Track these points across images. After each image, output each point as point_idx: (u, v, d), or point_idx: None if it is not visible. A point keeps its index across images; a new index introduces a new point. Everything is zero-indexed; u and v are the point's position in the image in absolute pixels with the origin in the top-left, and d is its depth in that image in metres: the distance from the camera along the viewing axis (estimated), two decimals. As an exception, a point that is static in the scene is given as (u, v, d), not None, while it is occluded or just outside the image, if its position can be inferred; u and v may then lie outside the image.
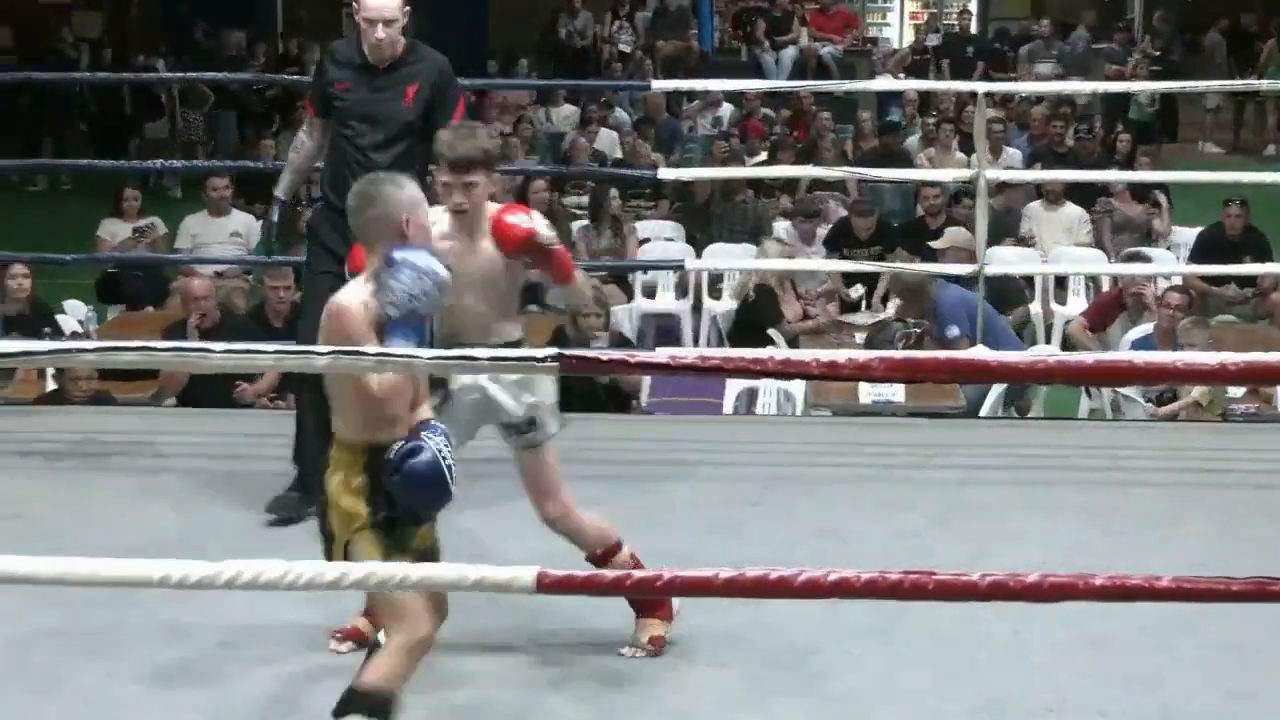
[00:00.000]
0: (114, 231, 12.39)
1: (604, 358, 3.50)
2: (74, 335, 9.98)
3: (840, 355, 3.41)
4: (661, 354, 3.55)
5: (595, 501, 6.67)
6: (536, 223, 5.08)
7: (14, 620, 5.46)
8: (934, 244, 11.40)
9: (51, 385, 8.80)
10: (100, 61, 21.55)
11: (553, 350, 3.51)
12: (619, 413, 8.58)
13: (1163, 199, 13.63)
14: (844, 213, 13.24)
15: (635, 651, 5.29)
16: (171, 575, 3.41)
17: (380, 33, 6.44)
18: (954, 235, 11.40)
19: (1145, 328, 9.81)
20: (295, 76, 18.92)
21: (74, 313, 10.85)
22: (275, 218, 6.92)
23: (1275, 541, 6.27)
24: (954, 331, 9.08)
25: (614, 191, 12.90)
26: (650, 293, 12.16)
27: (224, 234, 12.19)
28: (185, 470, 7.22)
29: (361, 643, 5.13)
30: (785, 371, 3.53)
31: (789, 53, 22.96)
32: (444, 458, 4.23)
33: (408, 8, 6.52)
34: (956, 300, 9.29)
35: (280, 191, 6.90)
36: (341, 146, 6.57)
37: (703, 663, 5.33)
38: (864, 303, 11.66)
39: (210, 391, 8.57)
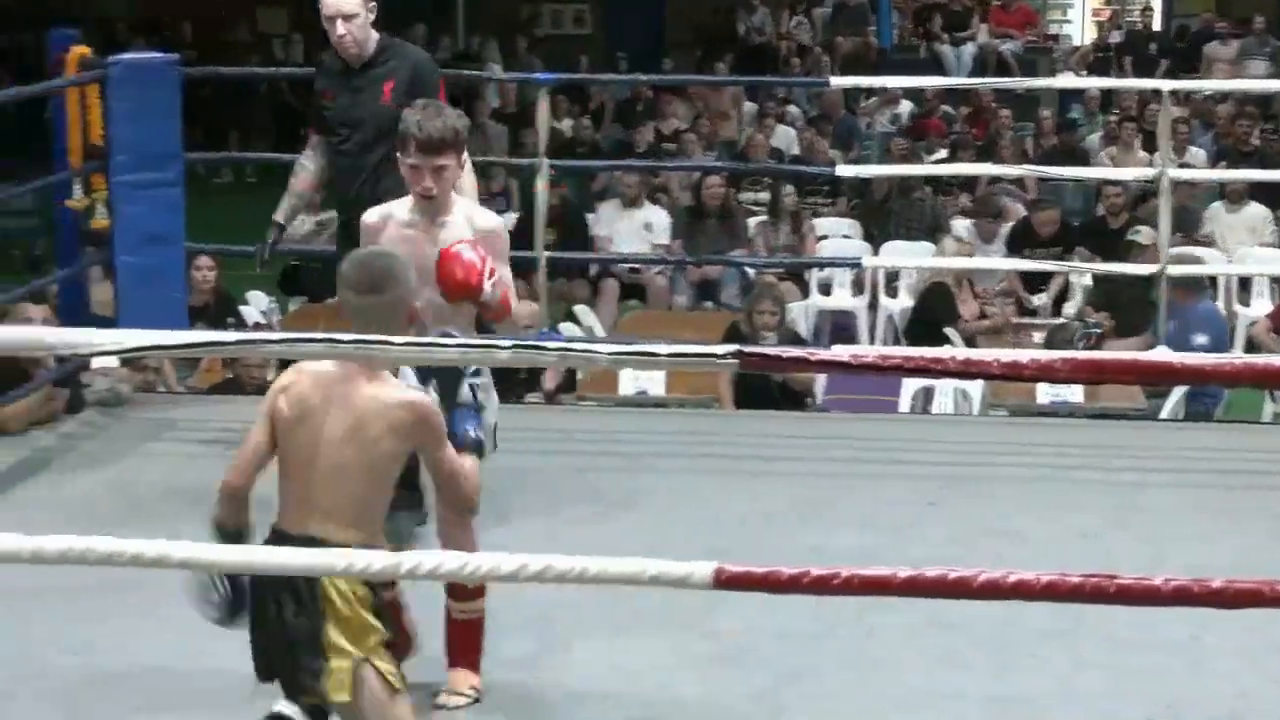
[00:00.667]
0: (297, 224, 12.53)
1: (784, 355, 3.48)
2: (256, 326, 10.13)
3: (1023, 355, 3.38)
4: (842, 352, 3.53)
5: (767, 495, 6.71)
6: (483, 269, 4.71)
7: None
8: (1135, 239, 11.18)
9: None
10: (290, 56, 21.87)
11: (732, 348, 3.51)
12: (793, 410, 8.57)
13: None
14: (1023, 211, 13.10)
15: (457, 699, 4.89)
16: (354, 564, 3.45)
17: (340, 29, 6.39)
18: (1150, 233, 11.22)
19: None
20: (476, 73, 19.21)
21: (256, 304, 11.02)
22: (269, 239, 6.89)
23: None
24: (1202, 340, 9.02)
25: (790, 188, 12.89)
26: (826, 290, 12.12)
27: (403, 227, 12.31)
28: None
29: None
30: (966, 371, 3.50)
31: (969, 49, 22.78)
32: None
33: (372, 3, 6.48)
34: (1207, 310, 9.19)
35: (278, 215, 6.85)
36: (335, 157, 6.55)
37: (883, 663, 5.31)
38: (1054, 306, 11.49)
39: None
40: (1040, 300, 11.57)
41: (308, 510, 3.84)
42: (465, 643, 4.92)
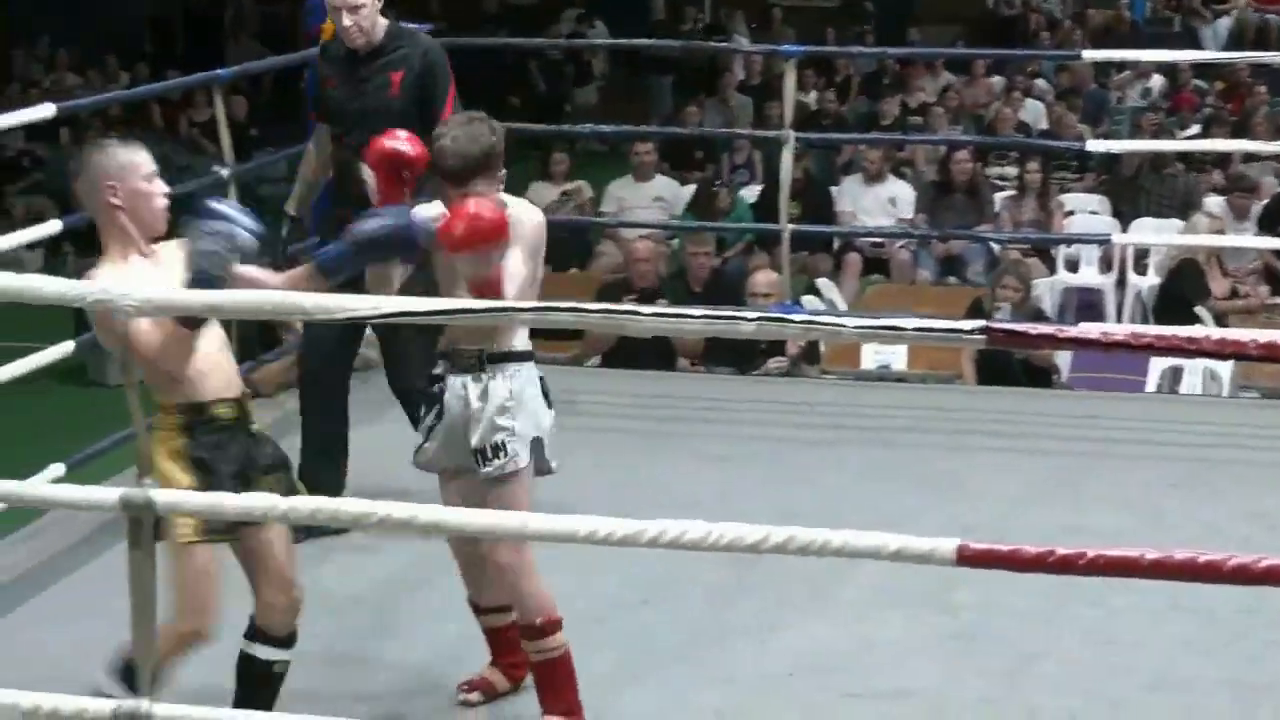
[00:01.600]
0: (542, 194, 12.68)
1: (1033, 332, 3.43)
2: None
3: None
4: (1092, 329, 3.47)
5: (1012, 473, 6.64)
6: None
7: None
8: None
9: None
10: (529, 30, 22.07)
11: (980, 323, 3.46)
12: (1036, 387, 8.46)
13: None
14: (1279, 188, 12.79)
15: None
16: (598, 531, 3.47)
17: (346, 20, 6.01)
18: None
19: None
20: (722, 45, 19.20)
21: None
22: (284, 232, 6.43)
23: None
24: None
25: (1037, 163, 12.71)
26: (1073, 267, 11.95)
27: (647, 199, 12.37)
28: (602, 429, 7.38)
29: (490, 694, 4.91)
30: (1221, 351, 3.42)
31: (1224, 22, 22.29)
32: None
33: None
34: None
35: (289, 206, 6.49)
36: (336, 149, 6.20)
37: (1122, 645, 5.24)
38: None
39: (639, 355, 8.68)
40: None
41: None
42: (548, 684, 4.67)
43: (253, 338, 7.45)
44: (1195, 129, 15.20)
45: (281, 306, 3.75)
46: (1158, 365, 8.72)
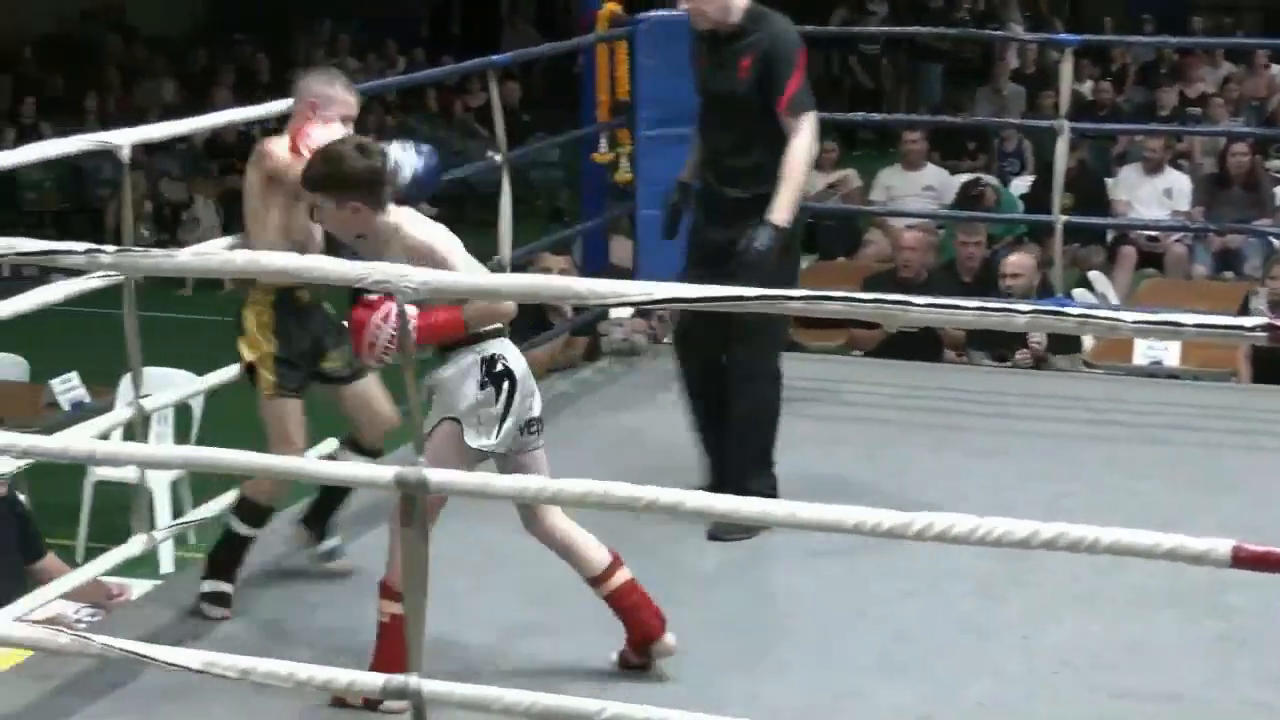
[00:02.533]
0: (810, 183, 12.65)
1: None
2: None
3: None
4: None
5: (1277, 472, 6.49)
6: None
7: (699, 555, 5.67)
8: None
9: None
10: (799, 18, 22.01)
11: (1262, 320, 3.39)
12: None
13: None
14: None
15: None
16: (865, 522, 3.47)
17: (683, 3, 6.06)
18: None
19: None
20: (995, 33, 18.99)
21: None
22: (674, 200, 6.33)
23: None
24: None
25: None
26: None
27: (917, 188, 12.30)
28: (872, 420, 7.36)
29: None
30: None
31: None
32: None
33: None
34: None
35: (682, 175, 6.37)
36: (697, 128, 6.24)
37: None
38: None
39: (909, 347, 8.65)
40: None
41: None
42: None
43: (523, 321, 7.54)
44: None
45: (556, 291, 3.80)
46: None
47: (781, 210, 5.84)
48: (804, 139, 5.91)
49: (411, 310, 4.03)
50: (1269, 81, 17.49)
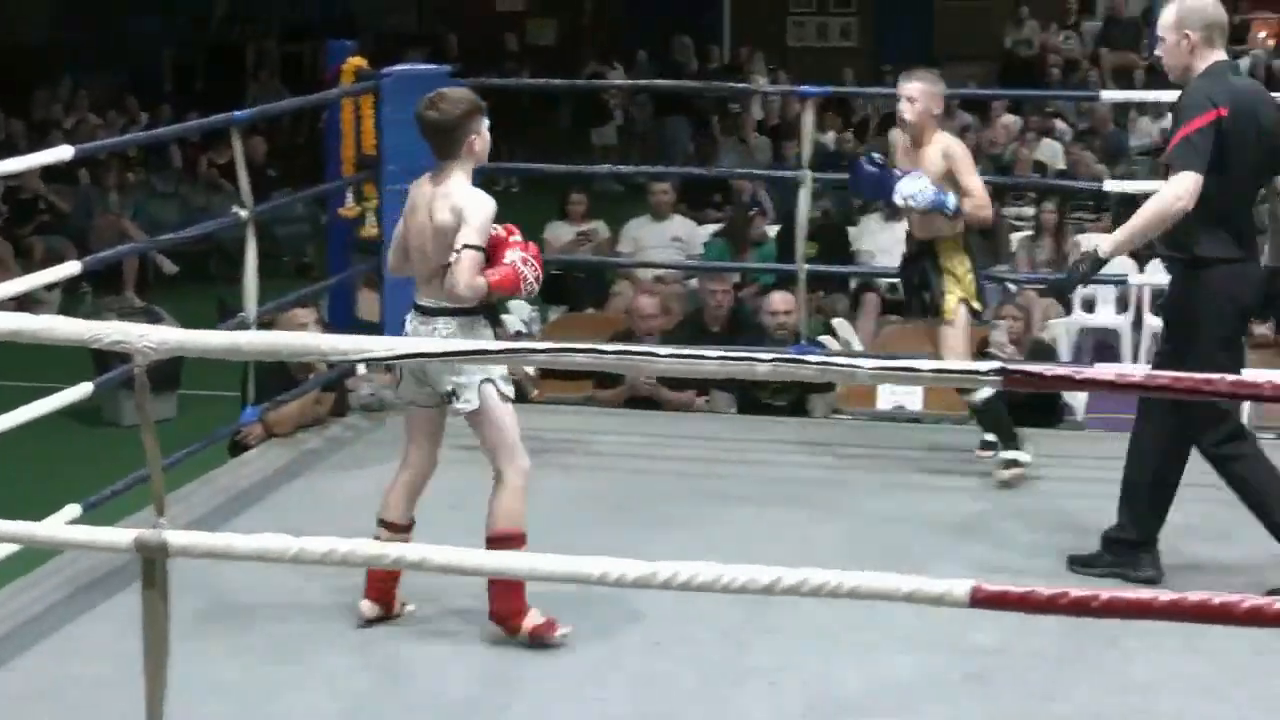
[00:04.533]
0: (559, 234, 12.70)
1: (1048, 374, 3.44)
2: (518, 334, 10.26)
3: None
4: (1107, 370, 3.47)
5: (1021, 515, 6.62)
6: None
7: (451, 609, 5.64)
8: None
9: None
10: (549, 70, 22.17)
11: (996, 364, 3.47)
12: (1047, 426, 8.39)
13: None
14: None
15: None
16: (610, 573, 3.47)
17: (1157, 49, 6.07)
18: None
19: None
20: (741, 85, 19.25)
21: (518, 312, 11.14)
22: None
23: None
24: None
25: (1054, 203, 12.70)
26: (1090, 307, 11.94)
27: (665, 238, 12.39)
28: (620, 469, 7.38)
29: None
30: (1236, 393, 3.42)
31: (1244, 63, 22.30)
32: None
33: (1188, 30, 5.84)
34: None
35: (1267, 258, 6.08)
36: None
37: (1136, 688, 5.21)
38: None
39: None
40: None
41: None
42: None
43: (268, 379, 7.46)
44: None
45: (298, 347, 3.75)
46: (1177, 405, 8.68)
47: (1108, 241, 6.18)
48: (1166, 187, 5.74)
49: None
50: (1005, 131, 17.91)
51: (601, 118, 21.72)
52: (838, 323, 11.07)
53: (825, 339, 10.25)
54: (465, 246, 5.24)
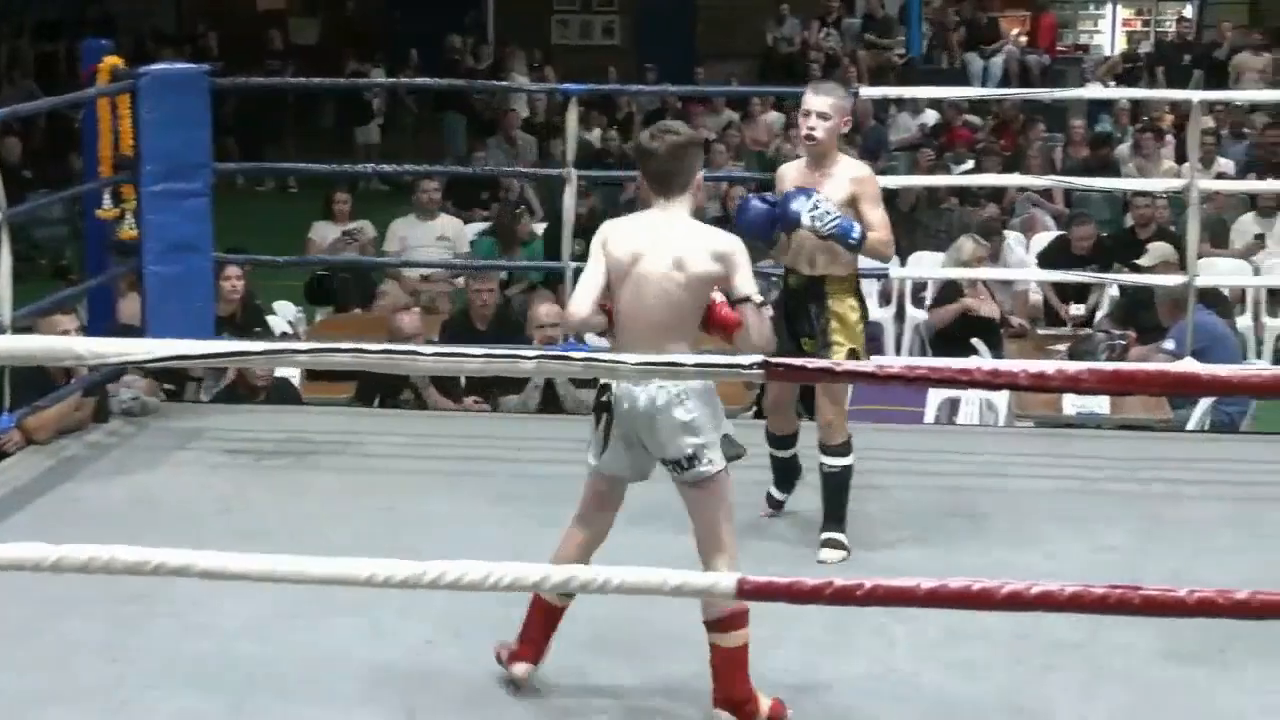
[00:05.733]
0: (324, 234, 12.60)
1: (810, 366, 3.49)
2: (283, 336, 10.16)
3: (1050, 366, 3.37)
4: (869, 362, 3.53)
5: (789, 510, 6.71)
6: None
7: (222, 615, 5.57)
8: (1140, 261, 11.15)
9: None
10: (312, 69, 22.01)
11: (758, 358, 3.51)
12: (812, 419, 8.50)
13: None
14: (1050, 223, 13.10)
15: None
16: (378, 574, 3.46)
17: None
18: (1159, 251, 11.16)
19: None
20: (505, 84, 19.25)
21: (283, 313, 11.05)
22: None
23: None
24: (1170, 345, 8.83)
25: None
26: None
27: (432, 237, 12.34)
28: (390, 470, 7.34)
29: None
30: (993, 382, 3.50)
31: (996, 61, 22.80)
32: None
33: None
34: (1204, 322, 8.96)
35: None
36: None
37: (902, 674, 5.30)
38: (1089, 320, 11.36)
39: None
40: (1077, 312, 11.45)
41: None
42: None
43: (26, 385, 7.31)
44: (970, 164, 15.50)
45: (55, 352, 3.69)
46: (936, 397, 8.86)
47: None
48: None
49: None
50: (767, 128, 18.13)
51: (365, 117, 21.60)
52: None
53: (594, 338, 10.28)
54: (747, 299, 4.75)
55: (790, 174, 6.30)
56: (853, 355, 6.15)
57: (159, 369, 7.67)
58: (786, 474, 6.68)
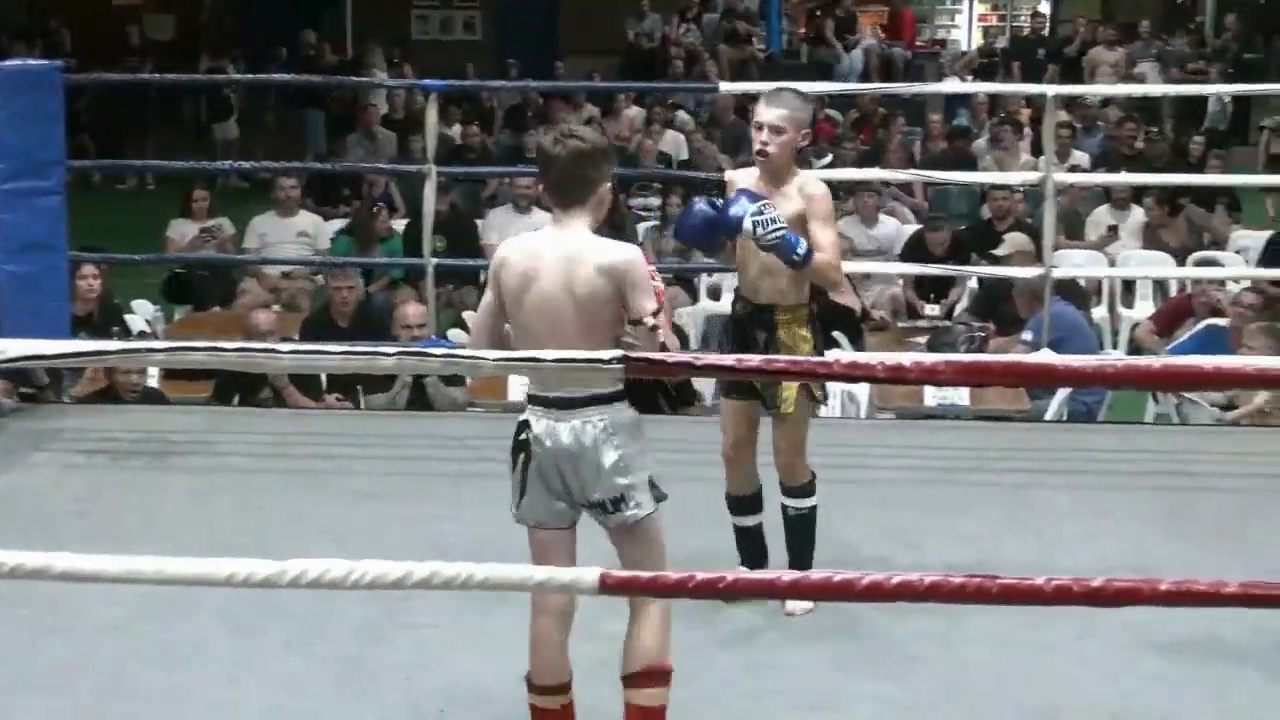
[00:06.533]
0: (182, 232, 12.47)
1: (669, 360, 3.49)
2: (141, 335, 10.04)
3: (907, 359, 3.39)
4: (727, 356, 3.54)
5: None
6: None
7: (79, 617, 5.50)
8: (996, 252, 11.26)
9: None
10: (168, 66, 21.77)
11: (617, 352, 3.51)
12: (676, 413, 8.53)
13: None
14: (910, 216, 13.20)
15: None
16: (238, 574, 3.42)
17: None
18: (1014, 241, 11.29)
19: (1210, 320, 9.76)
20: (364, 79, 19.15)
21: (142, 312, 10.92)
22: None
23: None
24: (1027, 336, 8.95)
25: (679, 194, 12.90)
26: (715, 295, 12.13)
27: (292, 234, 12.24)
28: (249, 469, 7.29)
29: None
30: (851, 375, 3.51)
31: (856, 55, 22.95)
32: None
33: None
34: (1061, 313, 9.08)
35: None
36: None
37: (769, 665, 5.33)
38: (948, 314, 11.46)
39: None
40: (933, 312, 11.55)
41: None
42: None
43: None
44: (829, 159, 15.59)
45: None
46: (798, 389, 8.89)
47: None
48: None
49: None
50: (629, 123, 18.15)
51: (224, 113, 21.39)
52: (469, 316, 11.08)
53: (456, 333, 10.25)
54: (639, 323, 4.32)
55: (741, 181, 5.81)
56: (807, 394, 5.68)
57: (13, 370, 7.57)
58: (755, 552, 5.90)
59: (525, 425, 4.44)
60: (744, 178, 5.83)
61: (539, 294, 4.35)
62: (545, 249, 4.40)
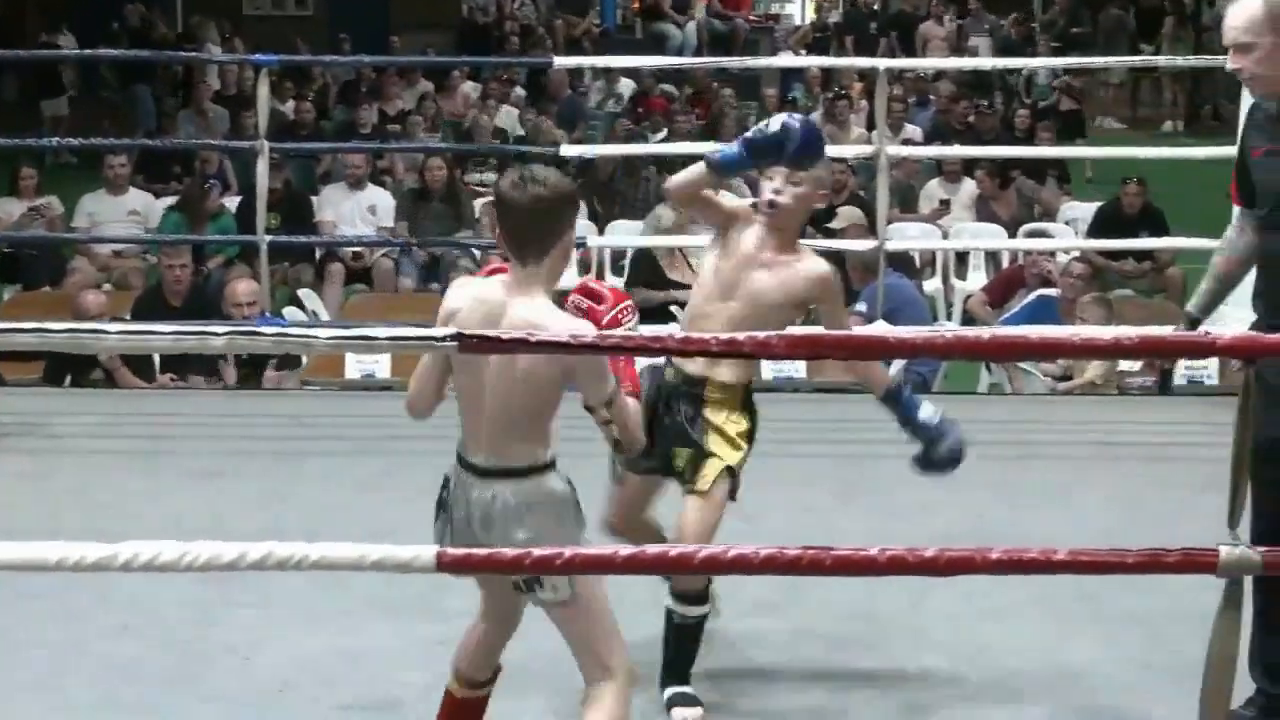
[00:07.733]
0: (9, 210, 12.27)
1: (504, 337, 3.48)
2: (-31, 315, 9.87)
3: (740, 333, 3.42)
4: (562, 332, 3.55)
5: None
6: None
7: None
8: (830, 225, 11.39)
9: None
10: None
11: (451, 330, 3.51)
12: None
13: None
14: (745, 188, 13.27)
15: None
16: (69, 558, 3.38)
17: (1231, 62, 4.53)
18: (847, 214, 11.42)
19: (1042, 290, 9.91)
20: (195, 54, 18.94)
21: (-29, 292, 10.75)
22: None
23: (1171, 513, 6.33)
24: (861, 308, 9.03)
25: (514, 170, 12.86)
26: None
27: (122, 212, 12.09)
28: (82, 451, 7.19)
29: None
30: (685, 350, 3.53)
31: (690, 29, 23.01)
32: None
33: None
34: (894, 285, 9.16)
35: (1190, 305, 4.90)
36: (1265, 237, 4.65)
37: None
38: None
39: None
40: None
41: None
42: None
43: None
44: (665, 133, 15.64)
45: None
46: (639, 363, 8.87)
47: None
48: None
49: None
50: (464, 98, 18.09)
51: (55, 89, 21.02)
52: (304, 293, 11.00)
53: (291, 310, 10.16)
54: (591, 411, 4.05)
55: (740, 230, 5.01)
56: (729, 474, 5.00)
57: None
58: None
59: (446, 482, 4.10)
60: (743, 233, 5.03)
61: (483, 361, 3.87)
62: (497, 307, 3.89)
